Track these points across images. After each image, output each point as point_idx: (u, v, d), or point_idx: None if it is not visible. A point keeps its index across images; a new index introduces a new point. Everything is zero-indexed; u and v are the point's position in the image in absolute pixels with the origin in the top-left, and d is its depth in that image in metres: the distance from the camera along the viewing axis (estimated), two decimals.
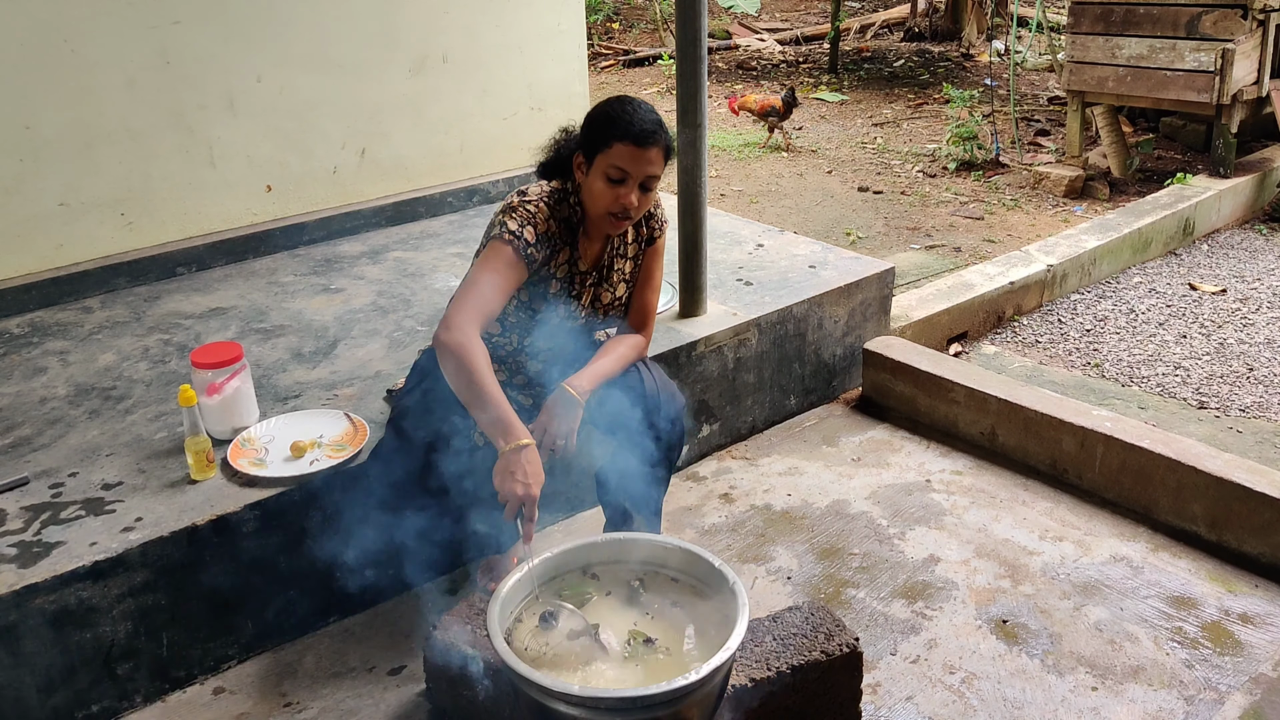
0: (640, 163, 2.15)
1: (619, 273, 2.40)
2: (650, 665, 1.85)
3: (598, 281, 2.38)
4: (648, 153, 2.15)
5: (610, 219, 2.20)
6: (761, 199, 6.07)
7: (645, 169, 2.16)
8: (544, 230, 2.22)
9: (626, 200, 2.16)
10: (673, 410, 2.38)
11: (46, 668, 2.11)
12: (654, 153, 2.16)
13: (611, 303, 2.41)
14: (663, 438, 2.37)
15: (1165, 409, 3.64)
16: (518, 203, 2.24)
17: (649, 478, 2.40)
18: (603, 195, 2.18)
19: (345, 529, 2.44)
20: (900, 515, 2.94)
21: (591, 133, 2.20)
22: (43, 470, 2.45)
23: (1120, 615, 2.51)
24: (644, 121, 2.15)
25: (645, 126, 2.14)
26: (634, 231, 2.42)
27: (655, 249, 2.44)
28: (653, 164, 2.17)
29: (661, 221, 2.44)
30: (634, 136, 2.13)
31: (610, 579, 2.05)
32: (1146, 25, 5.56)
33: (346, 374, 2.93)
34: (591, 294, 2.38)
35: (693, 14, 2.95)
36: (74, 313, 3.43)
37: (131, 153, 3.59)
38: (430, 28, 4.17)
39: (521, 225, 2.19)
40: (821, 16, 11.84)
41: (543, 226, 2.22)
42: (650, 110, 2.20)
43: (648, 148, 2.14)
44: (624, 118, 2.15)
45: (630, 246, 2.41)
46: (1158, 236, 5.08)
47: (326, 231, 4.05)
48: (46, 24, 3.32)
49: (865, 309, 3.60)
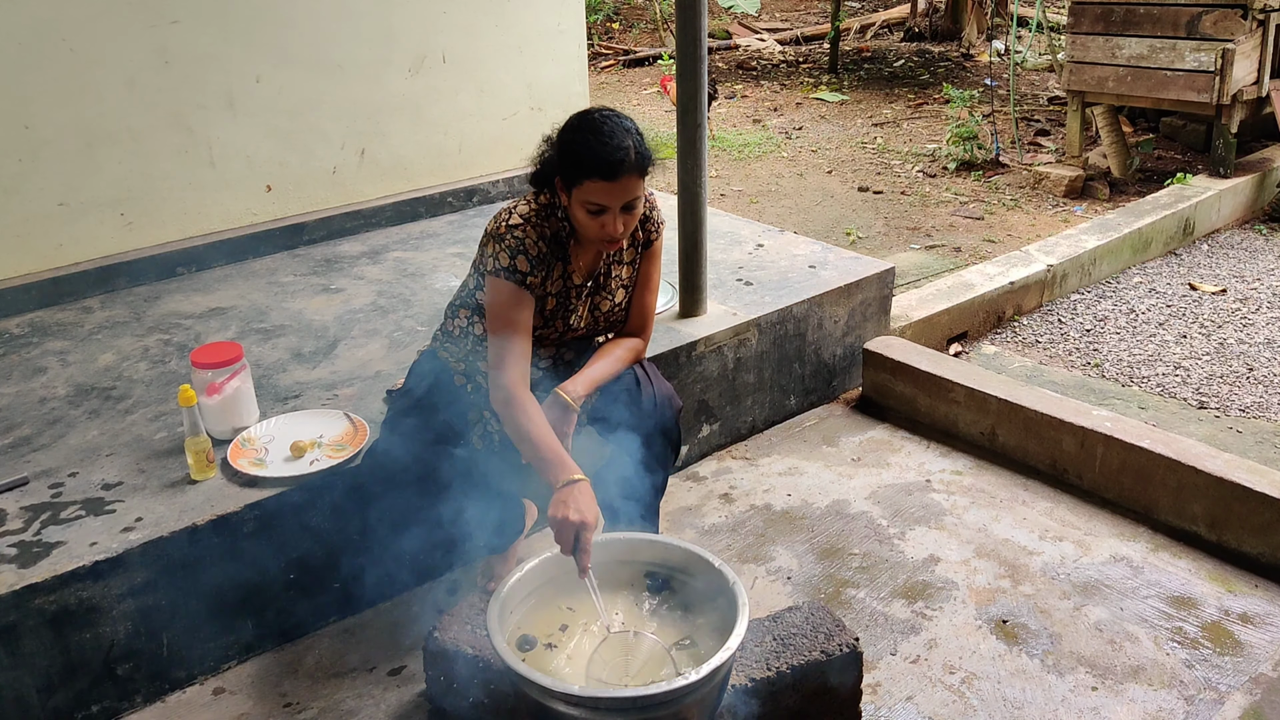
0: (615, 194, 2.09)
1: (616, 279, 2.39)
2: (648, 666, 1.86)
3: (594, 291, 2.36)
4: (620, 184, 2.08)
5: (598, 243, 2.20)
6: (761, 199, 6.07)
7: (621, 198, 2.10)
8: (535, 254, 2.18)
9: (611, 230, 2.13)
10: (670, 413, 2.37)
11: (46, 668, 2.11)
12: (627, 181, 2.09)
13: (611, 310, 2.40)
14: (660, 440, 2.37)
15: (1165, 409, 3.64)
16: (505, 230, 2.18)
17: (646, 479, 2.40)
18: (587, 225, 2.15)
19: (345, 529, 2.45)
20: (900, 515, 2.94)
21: (563, 165, 2.15)
22: (43, 470, 2.45)
23: (1120, 615, 2.51)
24: (612, 152, 2.06)
25: (613, 158, 2.06)
26: (629, 237, 2.40)
27: (652, 251, 2.43)
28: (628, 190, 2.10)
29: (657, 223, 2.42)
30: (602, 172, 2.07)
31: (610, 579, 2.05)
32: (1146, 25, 5.56)
33: (346, 374, 2.93)
34: (589, 304, 2.36)
35: (693, 14, 2.95)
36: (74, 313, 3.42)
37: (131, 152, 3.59)
38: (430, 28, 4.17)
39: (513, 256, 2.16)
40: (821, 16, 11.84)
41: (533, 250, 2.18)
42: (620, 130, 2.10)
43: (618, 179, 2.07)
44: (590, 153, 2.07)
45: (626, 252, 2.39)
46: (1158, 236, 5.08)
47: (326, 231, 4.05)
48: (46, 24, 3.32)
49: (865, 309, 3.60)
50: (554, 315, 2.30)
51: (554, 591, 2.02)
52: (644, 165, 2.13)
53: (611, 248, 2.21)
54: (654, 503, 2.46)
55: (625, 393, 2.36)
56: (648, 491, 2.43)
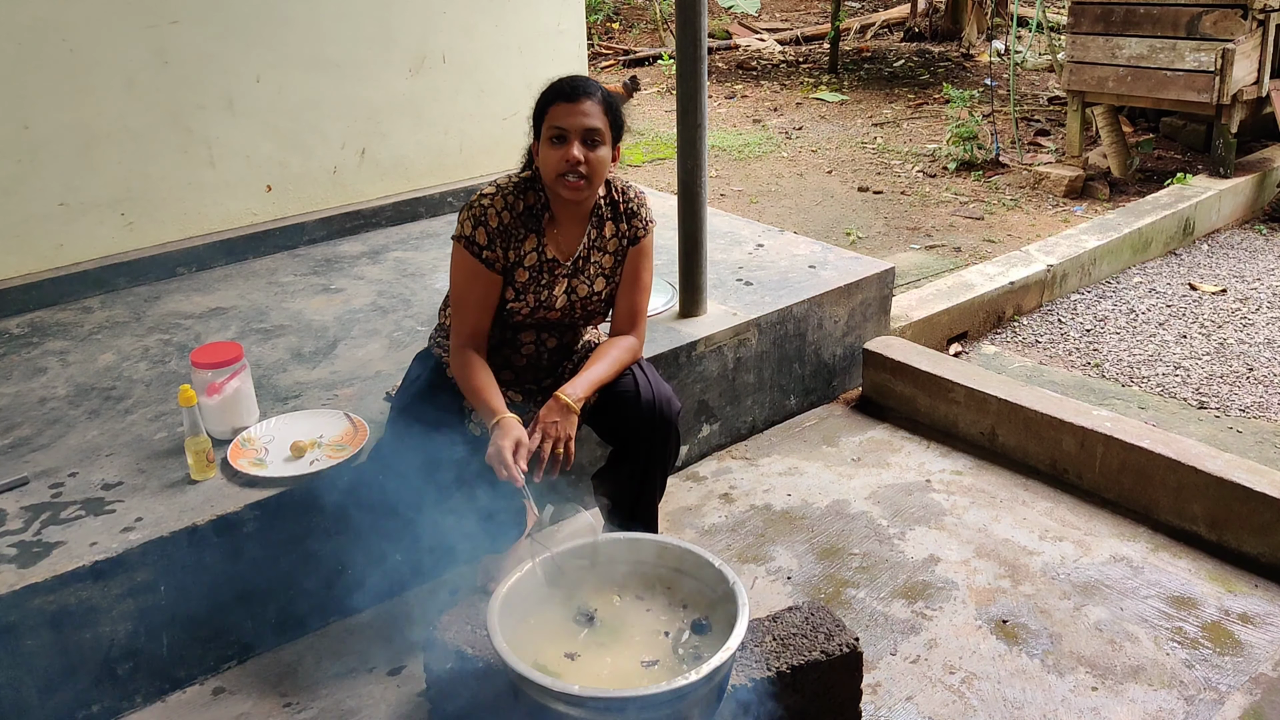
0: (575, 115, 2.18)
1: (597, 265, 2.38)
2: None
3: (573, 273, 2.36)
4: (580, 105, 2.19)
5: (563, 181, 2.21)
6: (761, 199, 6.07)
7: (582, 121, 2.18)
8: (496, 225, 2.26)
9: (570, 155, 2.18)
10: (669, 414, 2.37)
11: (46, 668, 2.11)
12: (587, 104, 2.19)
13: (589, 296, 2.39)
14: (659, 442, 2.37)
15: (1165, 409, 3.64)
16: (476, 197, 2.30)
17: (645, 480, 2.40)
18: (549, 158, 2.22)
19: (345, 529, 2.44)
20: (900, 515, 2.94)
21: (534, 113, 2.27)
22: (43, 470, 2.45)
23: (1120, 615, 2.51)
24: (573, 80, 2.23)
25: (574, 83, 2.22)
26: (614, 226, 2.39)
27: (641, 248, 2.41)
28: (588, 115, 2.19)
29: (646, 221, 2.42)
30: (563, 94, 2.20)
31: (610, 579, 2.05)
32: (1146, 25, 5.56)
33: (346, 374, 2.93)
34: (566, 284, 2.36)
35: (693, 14, 2.95)
36: (74, 313, 3.42)
37: (131, 153, 3.59)
38: (429, 28, 4.17)
39: (475, 226, 2.27)
40: (821, 16, 11.84)
41: (494, 221, 2.26)
42: (584, 77, 2.27)
43: (579, 100, 2.19)
44: (554, 84, 2.24)
45: (610, 241, 2.39)
46: (1158, 236, 5.08)
47: (326, 231, 4.05)
48: (46, 24, 3.32)
49: (865, 309, 3.60)
50: (526, 288, 2.32)
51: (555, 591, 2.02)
52: (608, 103, 2.24)
53: (576, 188, 2.22)
54: (653, 504, 2.47)
55: (624, 395, 2.36)
56: (646, 493, 2.43)
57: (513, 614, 1.94)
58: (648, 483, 2.42)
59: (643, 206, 2.41)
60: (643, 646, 1.92)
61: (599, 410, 2.39)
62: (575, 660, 1.89)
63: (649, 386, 2.37)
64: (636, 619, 1.99)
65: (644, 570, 2.08)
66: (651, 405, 2.34)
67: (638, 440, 2.36)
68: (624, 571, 2.07)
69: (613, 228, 2.39)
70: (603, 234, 2.38)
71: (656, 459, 2.38)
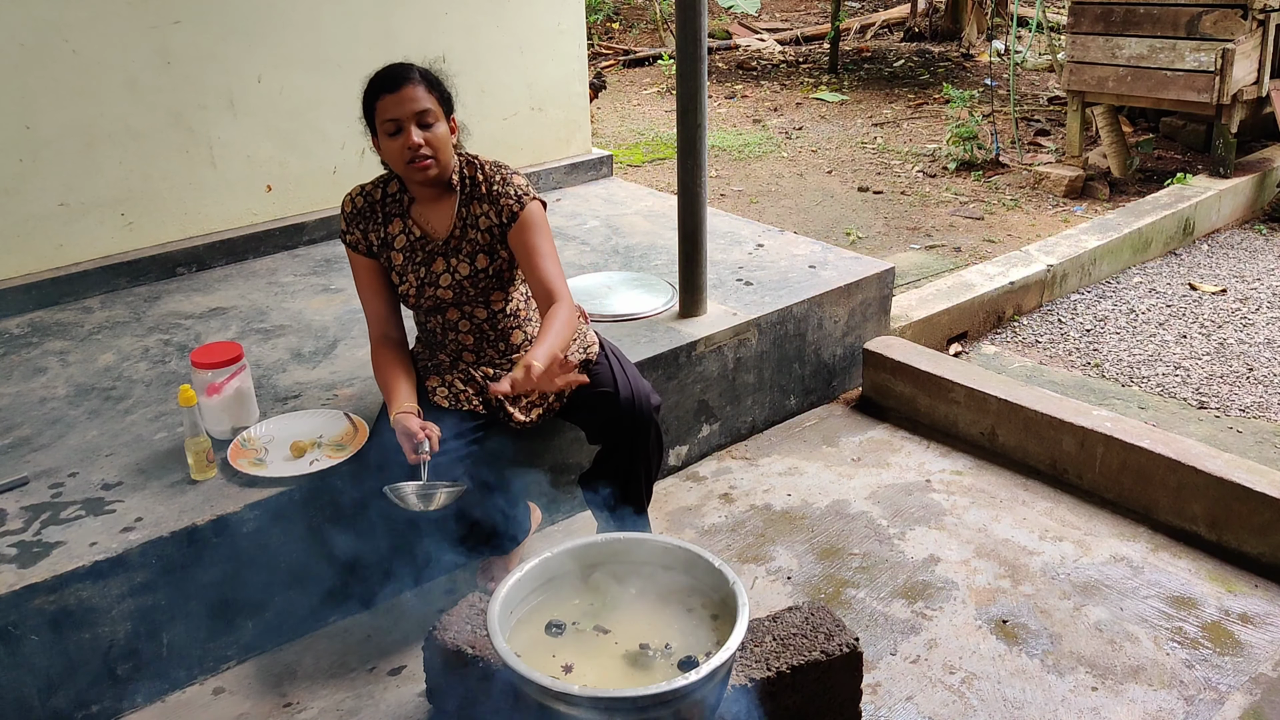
0: (403, 103, 2.21)
1: (472, 243, 2.36)
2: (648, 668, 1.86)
3: (448, 252, 2.37)
4: (404, 91, 2.21)
5: (411, 167, 2.25)
6: (761, 199, 6.07)
7: (410, 106, 2.21)
8: (350, 210, 2.39)
9: (410, 142, 2.22)
10: (647, 408, 2.38)
11: (46, 668, 2.11)
12: (409, 89, 2.21)
13: (475, 274, 2.36)
14: (640, 436, 2.39)
15: (1165, 409, 3.64)
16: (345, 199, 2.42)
17: (630, 476, 2.41)
18: (391, 150, 2.26)
19: (345, 529, 2.44)
20: (900, 515, 2.94)
21: (364, 112, 2.29)
22: (43, 470, 2.45)
23: (1120, 615, 2.51)
24: (390, 70, 2.25)
25: (392, 73, 2.24)
26: (481, 206, 2.35)
27: (523, 223, 2.34)
28: (414, 100, 2.22)
29: (519, 196, 2.35)
30: (385, 86, 2.22)
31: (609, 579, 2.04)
32: (1146, 25, 5.56)
33: (346, 374, 2.93)
34: (445, 264, 2.36)
35: (693, 14, 2.95)
36: (74, 313, 3.42)
37: (132, 153, 3.59)
38: (430, 28, 4.17)
39: (342, 218, 2.41)
40: (821, 16, 11.84)
41: (348, 207, 2.40)
42: (401, 64, 2.28)
43: (401, 87, 2.21)
44: (373, 78, 2.26)
45: (481, 219, 2.35)
46: (1158, 236, 5.08)
47: (326, 231, 4.05)
48: (47, 24, 3.32)
49: (865, 309, 3.60)
50: (405, 270, 2.38)
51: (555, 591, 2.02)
52: (429, 80, 2.27)
53: (424, 168, 2.25)
54: (640, 498, 2.48)
55: (604, 394, 2.37)
56: (633, 487, 2.44)
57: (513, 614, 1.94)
58: (633, 479, 2.44)
59: (509, 184, 2.36)
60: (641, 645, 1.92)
61: (582, 409, 2.43)
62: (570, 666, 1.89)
63: (627, 384, 2.39)
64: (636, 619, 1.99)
65: (644, 570, 2.08)
66: (631, 401, 2.36)
67: (620, 436, 2.39)
68: (624, 571, 2.07)
69: (479, 206, 2.36)
70: (472, 211, 2.36)
71: (639, 454, 2.41)
